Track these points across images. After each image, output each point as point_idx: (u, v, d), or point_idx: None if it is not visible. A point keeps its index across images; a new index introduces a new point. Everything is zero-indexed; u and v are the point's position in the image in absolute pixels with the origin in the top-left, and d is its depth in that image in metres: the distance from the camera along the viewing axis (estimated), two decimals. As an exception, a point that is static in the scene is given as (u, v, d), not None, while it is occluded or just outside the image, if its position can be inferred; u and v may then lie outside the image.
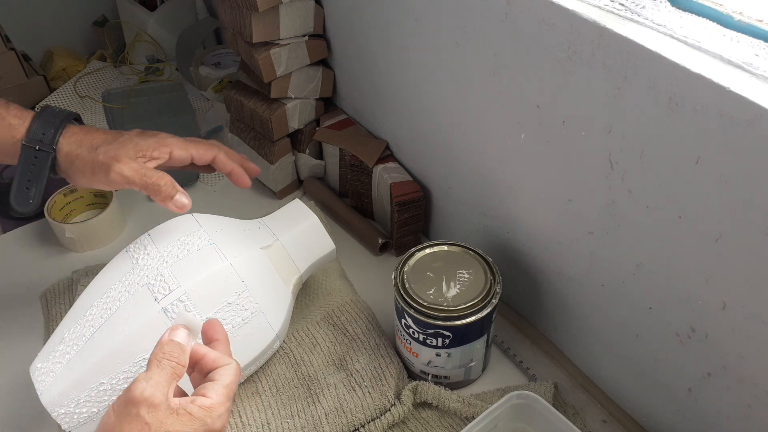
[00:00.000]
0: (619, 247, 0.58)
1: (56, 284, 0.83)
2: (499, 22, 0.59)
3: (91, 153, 0.59)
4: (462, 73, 0.67)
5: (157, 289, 0.59)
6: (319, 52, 0.89)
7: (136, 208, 0.96)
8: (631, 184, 0.54)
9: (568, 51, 0.53)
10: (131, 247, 0.64)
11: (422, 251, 0.68)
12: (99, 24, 1.26)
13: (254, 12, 0.79)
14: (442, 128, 0.75)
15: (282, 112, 0.89)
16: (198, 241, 0.63)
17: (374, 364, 0.70)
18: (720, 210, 0.47)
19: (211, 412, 0.45)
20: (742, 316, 0.49)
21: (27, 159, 0.59)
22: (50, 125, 0.59)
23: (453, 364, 0.67)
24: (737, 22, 0.47)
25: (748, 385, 0.52)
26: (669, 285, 0.55)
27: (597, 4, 0.51)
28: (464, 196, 0.77)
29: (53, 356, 0.60)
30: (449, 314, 0.63)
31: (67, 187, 0.91)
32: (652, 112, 0.48)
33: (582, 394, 0.70)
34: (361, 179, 0.89)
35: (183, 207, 0.62)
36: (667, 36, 0.47)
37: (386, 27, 0.76)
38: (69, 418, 0.59)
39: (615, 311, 0.62)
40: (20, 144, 0.59)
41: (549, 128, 0.59)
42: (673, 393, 0.59)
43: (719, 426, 0.56)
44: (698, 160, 0.47)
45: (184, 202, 0.61)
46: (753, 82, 0.42)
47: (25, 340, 0.77)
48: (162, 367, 0.46)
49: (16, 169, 0.59)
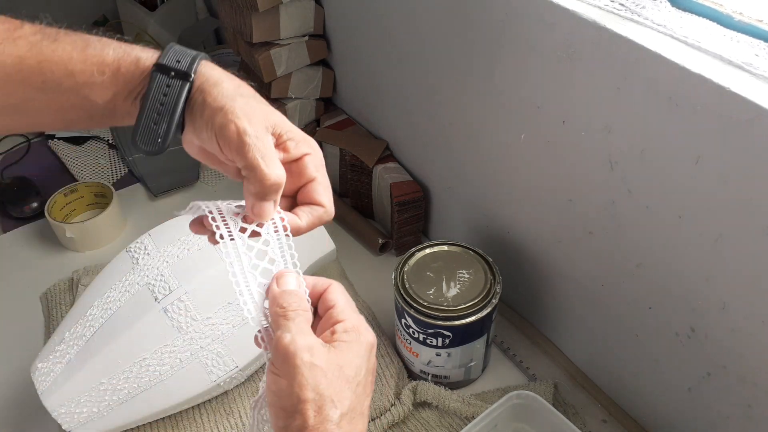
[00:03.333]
0: (619, 247, 0.58)
1: (56, 284, 0.83)
2: (499, 22, 0.59)
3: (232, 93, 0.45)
4: (462, 73, 0.67)
5: (157, 288, 0.59)
6: (319, 52, 0.89)
7: (136, 208, 0.96)
8: (631, 184, 0.54)
9: (568, 51, 0.53)
10: (132, 247, 0.64)
11: (422, 251, 0.68)
12: (99, 24, 1.26)
13: (254, 12, 0.79)
14: (442, 128, 0.75)
15: (282, 112, 0.89)
16: (198, 241, 0.63)
17: (374, 364, 0.70)
18: (720, 210, 0.47)
19: (360, 329, 0.42)
20: (742, 316, 0.49)
21: (158, 87, 0.45)
22: (186, 55, 0.46)
23: (453, 363, 0.67)
24: (737, 22, 0.47)
25: (748, 385, 0.52)
26: (669, 285, 0.55)
27: (597, 4, 0.51)
28: (464, 196, 0.77)
29: (53, 356, 0.60)
30: (449, 314, 0.63)
31: (67, 187, 0.91)
32: (652, 112, 0.48)
33: (582, 394, 0.70)
34: (361, 179, 0.89)
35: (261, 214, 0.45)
36: (667, 36, 0.47)
37: (386, 27, 0.76)
38: (69, 417, 0.59)
39: (615, 311, 0.62)
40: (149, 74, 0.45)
41: (549, 128, 0.59)
42: (673, 393, 0.59)
43: (719, 426, 0.56)
44: (698, 160, 0.47)
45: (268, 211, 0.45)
46: (753, 82, 0.42)
47: (25, 340, 0.77)
48: (291, 318, 0.41)
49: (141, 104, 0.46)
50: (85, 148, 1.06)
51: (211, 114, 0.45)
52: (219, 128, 0.44)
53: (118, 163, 1.04)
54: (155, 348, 0.59)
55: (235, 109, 0.44)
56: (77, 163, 1.03)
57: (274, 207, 0.45)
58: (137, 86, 0.46)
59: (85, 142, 1.07)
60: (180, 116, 0.45)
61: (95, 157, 1.05)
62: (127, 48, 0.46)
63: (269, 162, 0.44)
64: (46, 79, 0.45)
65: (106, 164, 1.04)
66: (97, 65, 0.46)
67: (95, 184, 0.93)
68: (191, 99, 0.46)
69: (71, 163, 1.03)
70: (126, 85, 0.46)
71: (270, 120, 0.46)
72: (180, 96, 0.45)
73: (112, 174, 1.02)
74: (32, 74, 0.45)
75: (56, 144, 1.06)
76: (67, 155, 1.04)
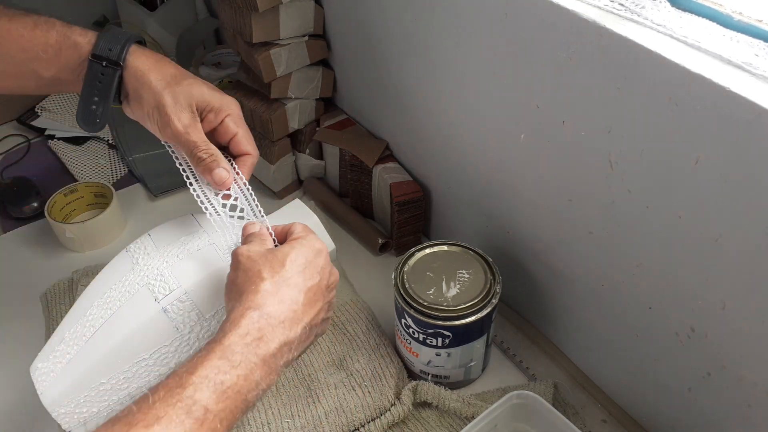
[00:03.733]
0: (619, 247, 0.58)
1: (56, 284, 0.83)
2: (499, 22, 0.59)
3: (160, 85, 0.57)
4: (462, 73, 0.67)
5: (157, 289, 0.59)
6: (319, 52, 0.89)
7: (136, 208, 0.96)
8: (631, 184, 0.54)
9: (568, 51, 0.53)
10: (131, 247, 0.64)
11: (422, 251, 0.68)
12: (99, 24, 1.26)
13: (254, 12, 0.79)
14: (442, 128, 0.75)
15: (282, 112, 0.89)
16: (198, 241, 0.63)
17: (374, 364, 0.70)
18: (720, 210, 0.47)
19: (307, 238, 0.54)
20: (742, 316, 0.49)
21: (93, 75, 0.57)
22: (116, 42, 0.57)
23: (453, 363, 0.67)
24: (737, 22, 0.47)
25: (747, 385, 0.52)
26: (669, 285, 0.55)
27: (597, 4, 0.51)
28: (464, 196, 0.77)
29: (53, 356, 0.60)
30: (449, 314, 0.63)
31: (67, 187, 0.91)
32: (652, 112, 0.48)
33: (582, 394, 0.70)
34: (361, 179, 0.89)
35: (222, 182, 0.58)
36: (667, 36, 0.47)
37: (386, 27, 0.76)
38: (69, 417, 0.59)
39: (615, 311, 0.62)
40: (87, 62, 0.57)
41: (549, 128, 0.59)
42: (673, 393, 0.59)
43: (719, 426, 0.56)
44: (698, 160, 0.47)
45: (223, 177, 0.58)
46: (753, 82, 0.42)
47: (25, 340, 0.77)
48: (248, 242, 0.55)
49: (82, 87, 0.58)
50: (85, 148, 1.06)
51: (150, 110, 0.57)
52: (162, 126, 0.57)
53: (118, 163, 1.04)
54: (155, 348, 0.59)
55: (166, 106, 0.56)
56: (77, 163, 1.03)
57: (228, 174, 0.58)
58: (77, 68, 0.57)
59: (85, 142, 1.07)
60: (113, 99, 0.58)
61: (95, 157, 1.05)
62: (68, 31, 0.57)
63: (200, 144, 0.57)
64: (3, 52, 0.57)
65: (106, 164, 1.04)
66: (42, 45, 0.56)
67: (95, 184, 0.93)
68: (124, 83, 0.58)
69: (71, 163, 1.03)
70: (67, 64, 0.57)
71: (193, 99, 0.57)
72: (112, 84, 0.57)
73: (112, 174, 1.02)
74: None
75: (56, 144, 1.06)
76: (67, 155, 1.04)
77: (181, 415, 0.41)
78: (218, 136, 0.61)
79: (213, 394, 0.43)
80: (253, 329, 0.47)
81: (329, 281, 0.54)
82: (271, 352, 0.47)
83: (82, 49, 0.57)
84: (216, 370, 0.44)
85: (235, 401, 0.44)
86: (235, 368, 0.45)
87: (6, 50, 0.57)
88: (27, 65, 0.58)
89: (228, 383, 0.44)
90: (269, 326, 0.48)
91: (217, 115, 0.59)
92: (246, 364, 0.45)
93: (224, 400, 0.44)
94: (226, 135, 0.60)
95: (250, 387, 0.45)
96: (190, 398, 0.42)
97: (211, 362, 0.44)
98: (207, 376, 0.44)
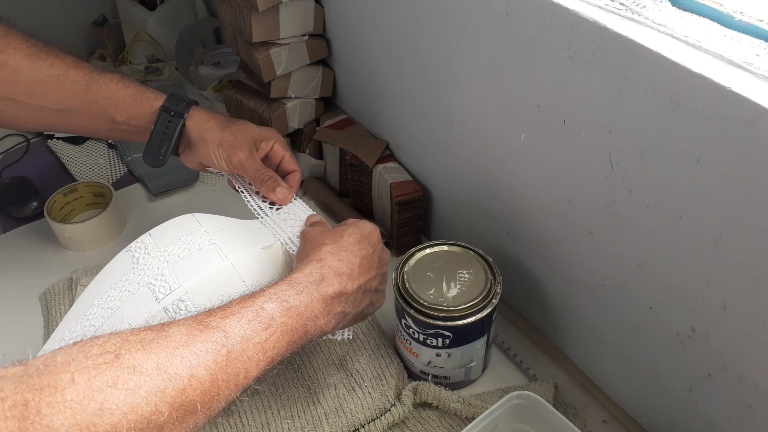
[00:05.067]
0: (619, 247, 0.58)
1: (56, 284, 0.83)
2: (499, 22, 0.59)
3: (219, 127, 0.71)
4: (462, 73, 0.67)
5: (157, 288, 0.59)
6: (319, 52, 0.89)
7: (136, 208, 0.96)
8: (631, 184, 0.54)
9: (568, 51, 0.53)
10: (132, 247, 0.64)
11: (422, 251, 0.68)
12: (99, 23, 1.26)
13: (254, 12, 0.79)
14: (442, 128, 0.75)
15: (282, 111, 0.89)
16: (199, 241, 0.63)
17: (374, 365, 0.70)
18: (720, 210, 0.47)
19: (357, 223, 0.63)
20: (742, 316, 0.49)
21: (162, 122, 0.71)
22: (182, 101, 0.72)
23: (453, 364, 0.67)
24: (738, 22, 0.47)
25: (748, 385, 0.52)
26: (669, 285, 0.55)
27: (597, 4, 0.51)
28: (464, 196, 0.77)
29: (53, 356, 0.60)
30: (449, 314, 0.62)
31: (67, 186, 0.91)
32: (653, 112, 0.48)
33: (582, 394, 0.70)
34: (361, 179, 0.89)
35: (284, 197, 0.70)
36: (668, 36, 0.47)
37: (386, 27, 0.76)
38: (69, 418, 0.59)
39: (615, 311, 0.62)
40: (157, 112, 0.71)
41: (549, 128, 0.59)
42: (673, 393, 0.59)
43: (719, 426, 0.56)
44: (698, 160, 0.47)
45: (285, 193, 0.70)
46: (753, 82, 0.42)
47: (25, 340, 0.77)
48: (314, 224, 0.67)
49: (152, 132, 0.72)
50: (84, 148, 1.06)
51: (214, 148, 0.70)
52: (228, 158, 0.70)
53: (118, 163, 1.04)
54: (155, 348, 0.59)
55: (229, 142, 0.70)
56: (76, 163, 1.03)
57: (289, 192, 0.70)
58: (147, 117, 0.72)
59: (85, 142, 1.07)
60: (176, 142, 0.72)
61: (94, 157, 1.05)
62: (143, 89, 0.73)
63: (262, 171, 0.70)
64: (90, 96, 0.70)
65: (105, 164, 1.04)
66: (122, 95, 0.71)
67: (95, 184, 0.93)
68: (186, 131, 0.72)
69: (70, 163, 1.03)
70: (140, 113, 0.72)
71: (248, 135, 0.71)
72: (176, 129, 0.72)
73: (112, 174, 1.02)
74: (84, 91, 0.70)
75: (55, 144, 1.06)
76: (67, 155, 1.04)
77: (250, 315, 0.49)
78: (269, 160, 0.74)
79: (278, 308, 0.51)
80: (315, 272, 0.56)
81: (382, 255, 0.63)
82: (329, 294, 0.55)
83: (154, 102, 0.72)
84: (283, 292, 0.53)
85: (297, 322, 0.52)
86: (299, 295, 0.53)
87: (94, 96, 0.70)
88: (106, 110, 0.71)
89: (292, 303, 0.52)
90: (329, 273, 0.56)
91: (267, 143, 0.73)
92: (307, 294, 0.53)
93: (288, 317, 0.51)
94: (276, 158, 0.74)
95: (309, 316, 0.53)
96: (259, 306, 0.51)
97: (279, 286, 0.53)
98: (275, 293, 0.52)
